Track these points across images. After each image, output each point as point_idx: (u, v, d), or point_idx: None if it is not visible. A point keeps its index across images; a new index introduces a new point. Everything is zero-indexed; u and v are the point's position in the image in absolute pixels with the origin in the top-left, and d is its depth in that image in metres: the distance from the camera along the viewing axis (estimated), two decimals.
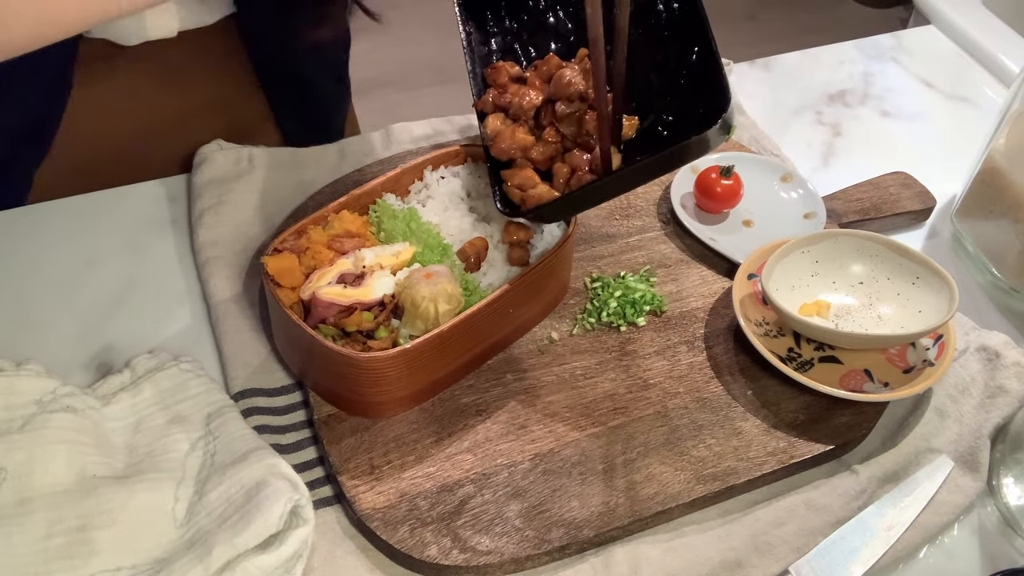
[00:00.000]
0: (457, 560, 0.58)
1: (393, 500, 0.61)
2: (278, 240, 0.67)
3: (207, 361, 0.70)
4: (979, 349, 0.72)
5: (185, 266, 0.78)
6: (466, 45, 0.75)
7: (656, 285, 0.77)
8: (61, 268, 0.77)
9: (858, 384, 0.69)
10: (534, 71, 0.72)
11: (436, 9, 2.29)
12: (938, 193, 0.87)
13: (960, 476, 0.65)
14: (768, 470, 0.64)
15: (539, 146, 0.70)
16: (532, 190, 0.68)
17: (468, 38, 0.75)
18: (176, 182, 0.84)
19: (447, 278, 0.64)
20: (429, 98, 2.05)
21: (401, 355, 0.62)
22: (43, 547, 0.56)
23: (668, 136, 0.67)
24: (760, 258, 0.75)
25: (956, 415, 0.68)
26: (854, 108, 1.00)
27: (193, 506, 0.60)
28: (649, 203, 0.84)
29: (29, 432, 0.60)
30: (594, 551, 0.61)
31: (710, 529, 0.63)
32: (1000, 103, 0.81)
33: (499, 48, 0.76)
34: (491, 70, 0.73)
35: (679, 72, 0.67)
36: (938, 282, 0.71)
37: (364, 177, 0.82)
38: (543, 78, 0.71)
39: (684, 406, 0.68)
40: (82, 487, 0.59)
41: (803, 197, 0.84)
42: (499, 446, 0.65)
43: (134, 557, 0.57)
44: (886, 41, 1.10)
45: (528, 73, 0.72)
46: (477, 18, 0.76)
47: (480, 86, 0.74)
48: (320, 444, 0.65)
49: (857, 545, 0.60)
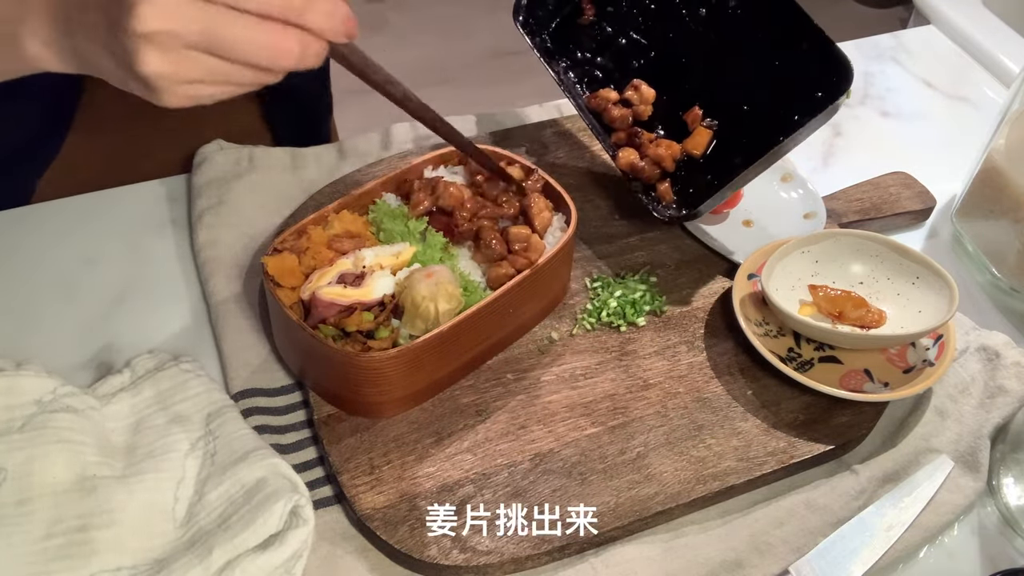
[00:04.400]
0: (457, 560, 0.58)
1: (393, 500, 0.61)
2: (278, 240, 0.67)
3: (207, 361, 0.70)
4: (979, 349, 0.72)
5: (185, 266, 0.78)
6: (561, 83, 0.82)
7: (656, 285, 0.77)
8: (61, 268, 0.77)
9: (858, 384, 0.69)
10: (633, 91, 0.79)
11: (436, 9, 2.30)
12: (938, 193, 0.87)
13: (960, 476, 0.65)
14: (768, 470, 0.64)
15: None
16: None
17: (559, 77, 0.82)
18: (176, 182, 0.84)
19: (447, 278, 0.64)
20: (429, 98, 2.05)
21: (401, 355, 0.62)
22: (43, 547, 0.56)
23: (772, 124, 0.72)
24: (760, 258, 0.75)
25: (956, 415, 0.68)
26: (854, 108, 1.00)
27: (193, 506, 0.60)
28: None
29: (29, 432, 0.60)
30: (594, 551, 0.61)
31: (710, 529, 0.63)
32: (1000, 103, 0.81)
33: (583, 77, 0.83)
34: (594, 99, 0.80)
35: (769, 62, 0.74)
36: (938, 282, 0.71)
37: (364, 177, 0.82)
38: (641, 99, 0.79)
39: (684, 406, 0.68)
40: (82, 487, 0.59)
41: (803, 197, 0.84)
42: (499, 446, 0.65)
43: (134, 557, 0.57)
44: (886, 41, 1.10)
45: (628, 93, 0.79)
46: (557, 56, 0.83)
47: (589, 117, 0.81)
48: (320, 444, 0.65)
49: (857, 545, 0.60)
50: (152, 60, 0.47)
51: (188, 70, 0.48)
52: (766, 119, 0.72)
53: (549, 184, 0.73)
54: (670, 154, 0.77)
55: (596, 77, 0.82)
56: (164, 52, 0.47)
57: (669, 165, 0.77)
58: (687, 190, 0.76)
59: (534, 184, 0.73)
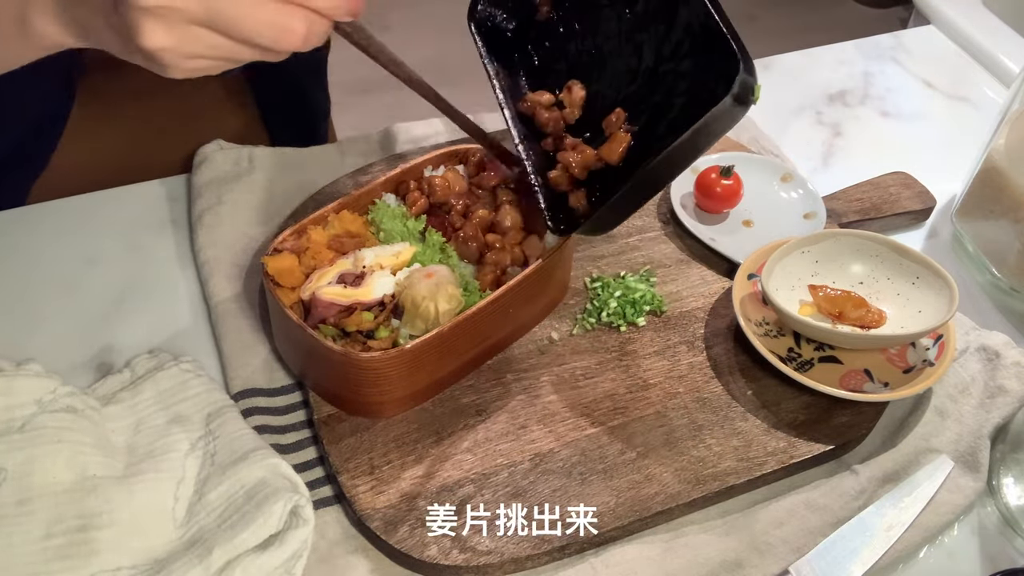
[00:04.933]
0: (457, 560, 0.58)
1: (393, 500, 0.61)
2: (278, 240, 0.67)
3: (207, 361, 0.70)
4: (979, 349, 0.72)
5: (185, 266, 0.78)
6: (496, 85, 0.73)
7: (656, 285, 0.77)
8: (61, 268, 0.77)
9: (858, 384, 0.69)
10: (567, 92, 0.70)
11: (436, 9, 2.30)
12: (938, 193, 0.87)
13: (960, 476, 0.65)
14: (768, 470, 0.64)
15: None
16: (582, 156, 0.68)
17: (497, 78, 0.74)
18: (176, 182, 0.84)
19: (447, 278, 0.64)
20: None
21: (401, 355, 0.62)
22: (43, 547, 0.56)
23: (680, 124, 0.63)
24: (760, 258, 0.75)
25: (956, 415, 0.68)
26: (854, 108, 1.00)
27: (193, 506, 0.60)
28: (649, 203, 0.84)
29: (29, 432, 0.60)
30: (594, 551, 0.61)
31: (710, 529, 0.63)
32: (1000, 103, 0.81)
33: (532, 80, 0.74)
34: (523, 103, 0.71)
35: (678, 54, 0.65)
36: (938, 282, 0.71)
37: (364, 177, 0.83)
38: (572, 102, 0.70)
39: (684, 406, 0.68)
40: (82, 487, 0.59)
41: (803, 197, 0.84)
42: (499, 446, 0.65)
43: (134, 557, 0.57)
44: (886, 41, 1.10)
45: (563, 95, 0.70)
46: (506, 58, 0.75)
47: (516, 121, 0.72)
48: (320, 444, 0.65)
49: (857, 545, 0.60)
50: (154, 34, 0.47)
51: (190, 45, 0.48)
52: (673, 123, 0.63)
53: None
54: (581, 160, 0.68)
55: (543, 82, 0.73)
56: (167, 26, 0.47)
57: (578, 172, 0.68)
58: (603, 202, 0.67)
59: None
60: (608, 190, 0.66)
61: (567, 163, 0.68)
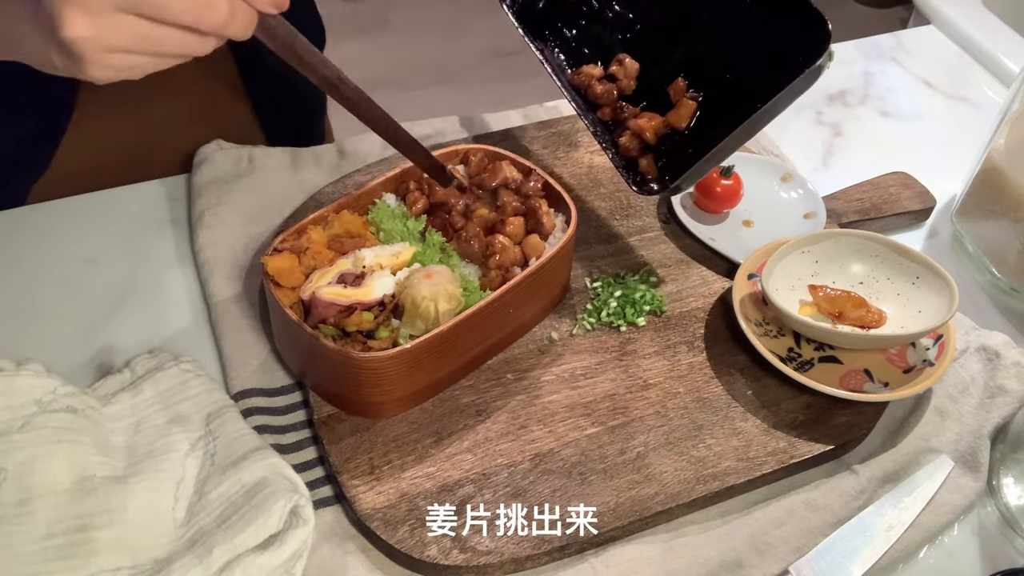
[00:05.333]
0: (457, 560, 0.58)
1: (393, 500, 0.61)
2: (278, 240, 0.67)
3: (207, 361, 0.70)
4: (979, 349, 0.72)
5: (185, 266, 0.78)
6: (544, 62, 0.79)
7: (656, 285, 0.77)
8: (62, 268, 0.77)
9: (858, 384, 0.69)
10: (618, 65, 0.77)
11: (436, 9, 2.30)
12: (938, 193, 0.87)
13: (960, 476, 0.65)
14: (768, 470, 0.64)
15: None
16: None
17: (543, 55, 0.80)
18: (176, 182, 0.84)
19: (447, 278, 0.64)
20: (429, 98, 2.06)
21: (401, 355, 0.62)
22: (43, 547, 0.56)
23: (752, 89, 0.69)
24: (760, 258, 0.75)
25: (956, 415, 0.68)
26: (854, 108, 1.00)
27: (193, 506, 0.60)
28: (649, 203, 0.84)
29: (29, 432, 0.60)
30: (594, 551, 0.61)
31: (710, 529, 0.63)
32: (1000, 103, 0.81)
33: (568, 55, 0.81)
34: (577, 76, 0.78)
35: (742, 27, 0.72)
36: (938, 282, 0.71)
37: (364, 177, 0.83)
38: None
39: (684, 406, 0.68)
40: (82, 487, 0.59)
41: (803, 197, 0.84)
42: (499, 446, 0.65)
43: (134, 557, 0.57)
44: (886, 41, 1.10)
45: (613, 68, 0.77)
46: (539, 35, 0.81)
47: (572, 93, 0.78)
48: (320, 444, 0.65)
49: (857, 545, 0.60)
50: (75, 23, 0.46)
51: (113, 35, 0.47)
52: (748, 88, 0.69)
53: (549, 184, 0.73)
54: (652, 126, 0.74)
55: (582, 54, 0.80)
56: (90, 15, 0.46)
57: (651, 138, 0.74)
58: (672, 165, 0.73)
59: (535, 185, 0.73)
60: (675, 154, 0.73)
61: (639, 129, 0.74)
